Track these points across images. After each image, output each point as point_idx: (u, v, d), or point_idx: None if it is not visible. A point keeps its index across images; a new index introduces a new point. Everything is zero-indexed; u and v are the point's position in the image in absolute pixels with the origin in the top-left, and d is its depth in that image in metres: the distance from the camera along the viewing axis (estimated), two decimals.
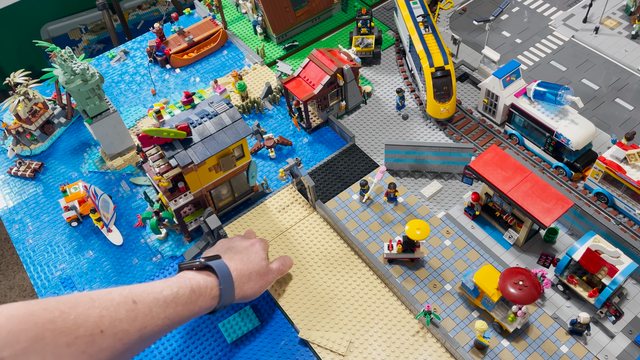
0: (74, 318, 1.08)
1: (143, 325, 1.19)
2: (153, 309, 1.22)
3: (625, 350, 1.44)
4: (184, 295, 1.29)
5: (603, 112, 1.99)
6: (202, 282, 1.34)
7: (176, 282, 1.30)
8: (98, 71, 1.84)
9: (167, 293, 1.26)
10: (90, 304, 1.13)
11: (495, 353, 1.46)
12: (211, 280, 1.36)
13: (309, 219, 1.80)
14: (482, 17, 2.38)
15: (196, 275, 1.35)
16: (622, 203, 1.67)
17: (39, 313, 1.04)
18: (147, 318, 1.20)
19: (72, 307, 1.09)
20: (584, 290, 1.52)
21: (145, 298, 1.22)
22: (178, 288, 1.29)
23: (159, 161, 1.62)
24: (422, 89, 2.00)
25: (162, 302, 1.24)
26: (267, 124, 2.13)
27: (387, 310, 1.56)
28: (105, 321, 1.12)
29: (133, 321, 1.17)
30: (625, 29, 2.24)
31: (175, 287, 1.29)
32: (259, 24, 2.40)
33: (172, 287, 1.28)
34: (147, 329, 1.20)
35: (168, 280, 1.31)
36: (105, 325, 1.12)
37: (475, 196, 1.72)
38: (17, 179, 2.07)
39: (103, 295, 1.17)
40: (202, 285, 1.33)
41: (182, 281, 1.31)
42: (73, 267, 1.80)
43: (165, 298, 1.25)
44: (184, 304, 1.28)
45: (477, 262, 1.64)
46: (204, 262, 1.38)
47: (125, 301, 1.18)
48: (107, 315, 1.13)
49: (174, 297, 1.27)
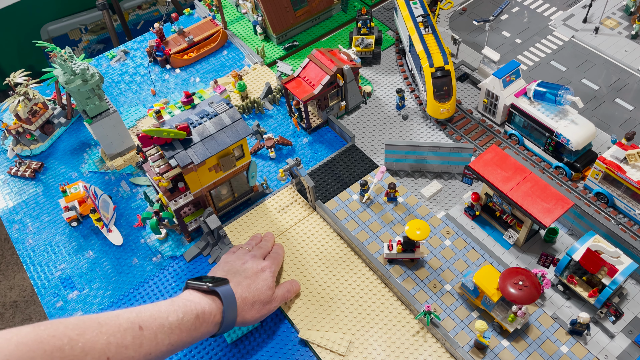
0: (82, 345, 1.08)
1: (148, 352, 1.19)
2: (158, 336, 1.22)
3: (625, 350, 1.44)
4: (189, 321, 1.28)
5: (603, 112, 1.99)
6: (207, 308, 1.33)
7: (182, 307, 1.30)
8: (98, 71, 1.84)
9: (173, 319, 1.26)
10: (97, 329, 1.13)
11: (495, 353, 1.46)
12: (215, 307, 1.35)
13: (309, 219, 1.80)
14: (482, 17, 2.38)
15: (202, 299, 1.35)
16: (622, 203, 1.67)
17: (48, 340, 1.04)
18: (152, 345, 1.20)
19: (80, 334, 1.09)
20: (584, 290, 1.52)
21: (151, 324, 1.22)
22: (184, 314, 1.28)
23: (159, 161, 1.62)
24: (422, 89, 2.00)
25: (167, 329, 1.24)
26: (267, 124, 2.13)
27: (387, 310, 1.56)
28: (112, 348, 1.13)
29: (139, 347, 1.17)
30: (625, 29, 2.24)
31: (181, 313, 1.28)
32: (259, 24, 2.40)
33: (178, 313, 1.28)
34: (152, 355, 1.20)
35: (174, 304, 1.30)
36: (112, 353, 1.12)
37: (475, 196, 1.72)
38: (17, 179, 2.07)
39: (110, 320, 1.17)
40: (207, 311, 1.33)
41: (188, 306, 1.31)
42: (73, 267, 1.80)
43: (171, 324, 1.25)
44: (187, 330, 1.28)
45: (477, 262, 1.64)
46: (212, 287, 1.37)
47: (132, 327, 1.18)
48: (114, 342, 1.13)
49: (179, 324, 1.26)
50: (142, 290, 1.71)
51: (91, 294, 1.72)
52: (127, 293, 1.71)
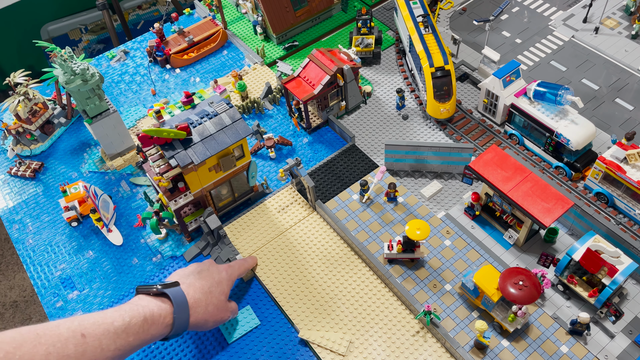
0: (19, 358, 1.06)
1: (93, 359, 1.17)
2: (103, 342, 1.19)
3: (625, 350, 1.44)
4: (136, 324, 1.26)
5: (603, 112, 1.99)
6: (155, 309, 1.31)
7: (129, 311, 1.27)
8: (98, 71, 1.84)
9: (119, 324, 1.23)
10: (36, 341, 1.10)
11: (495, 353, 1.46)
12: (165, 308, 1.33)
13: (309, 219, 1.80)
14: (482, 17, 2.38)
15: (151, 302, 1.33)
16: (622, 203, 1.67)
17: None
18: (97, 351, 1.18)
19: (17, 347, 1.07)
20: (584, 290, 1.52)
21: (95, 330, 1.19)
22: (130, 317, 1.26)
23: (159, 161, 1.62)
24: (422, 89, 2.00)
25: (112, 334, 1.21)
26: (267, 124, 2.13)
27: (387, 310, 1.56)
28: (52, 358, 1.10)
29: (81, 356, 1.15)
30: (625, 29, 2.24)
31: (128, 317, 1.26)
32: (259, 24, 2.40)
33: (124, 317, 1.25)
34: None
35: (120, 309, 1.28)
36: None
37: (475, 196, 1.72)
38: (17, 179, 2.07)
39: (50, 330, 1.14)
40: (155, 313, 1.30)
41: (135, 309, 1.28)
42: (73, 267, 1.80)
43: (116, 329, 1.23)
44: (135, 334, 1.26)
45: (477, 262, 1.64)
46: (160, 288, 1.35)
47: (74, 335, 1.16)
48: (54, 352, 1.11)
49: (125, 328, 1.24)
50: None
51: (91, 294, 1.72)
52: (127, 293, 1.71)
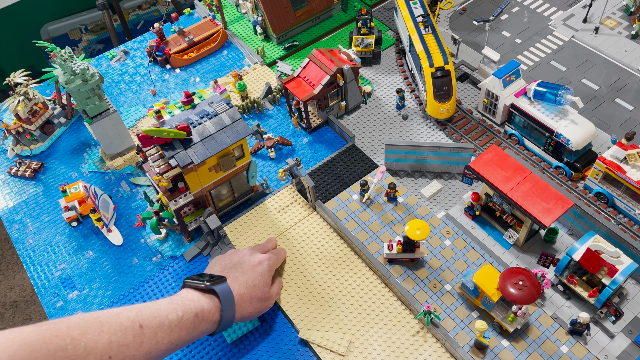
0: (84, 345, 1.09)
1: (148, 351, 1.20)
2: (158, 334, 1.22)
3: (625, 350, 1.44)
4: (188, 320, 1.29)
5: (603, 112, 1.99)
6: (205, 306, 1.34)
7: (182, 306, 1.30)
8: (98, 71, 1.84)
9: (173, 317, 1.26)
10: (99, 328, 1.14)
11: (495, 353, 1.46)
12: (214, 305, 1.36)
13: (309, 219, 1.80)
14: (482, 17, 2.38)
15: (201, 298, 1.35)
16: (622, 203, 1.67)
17: (51, 340, 1.05)
18: (152, 343, 1.21)
19: (83, 333, 1.10)
20: (584, 290, 1.52)
21: (151, 322, 1.22)
22: (183, 312, 1.29)
23: (159, 161, 1.62)
24: (422, 89, 2.00)
25: (167, 327, 1.24)
26: (267, 124, 2.13)
27: (387, 310, 1.56)
28: (114, 347, 1.14)
29: (139, 346, 1.18)
30: (625, 29, 2.24)
31: (181, 311, 1.28)
32: (259, 24, 2.40)
33: (178, 311, 1.28)
34: (152, 354, 1.21)
35: (173, 302, 1.30)
36: (114, 352, 1.13)
37: (475, 196, 1.72)
38: (17, 179, 2.07)
39: (111, 319, 1.18)
40: (205, 309, 1.33)
41: (187, 304, 1.31)
42: (73, 267, 1.80)
43: (171, 322, 1.25)
44: (187, 329, 1.28)
45: (477, 262, 1.64)
46: (209, 285, 1.37)
47: (133, 326, 1.19)
48: (115, 340, 1.14)
49: (178, 322, 1.27)
50: (142, 290, 1.71)
51: (91, 294, 1.72)
52: (127, 293, 1.71)
